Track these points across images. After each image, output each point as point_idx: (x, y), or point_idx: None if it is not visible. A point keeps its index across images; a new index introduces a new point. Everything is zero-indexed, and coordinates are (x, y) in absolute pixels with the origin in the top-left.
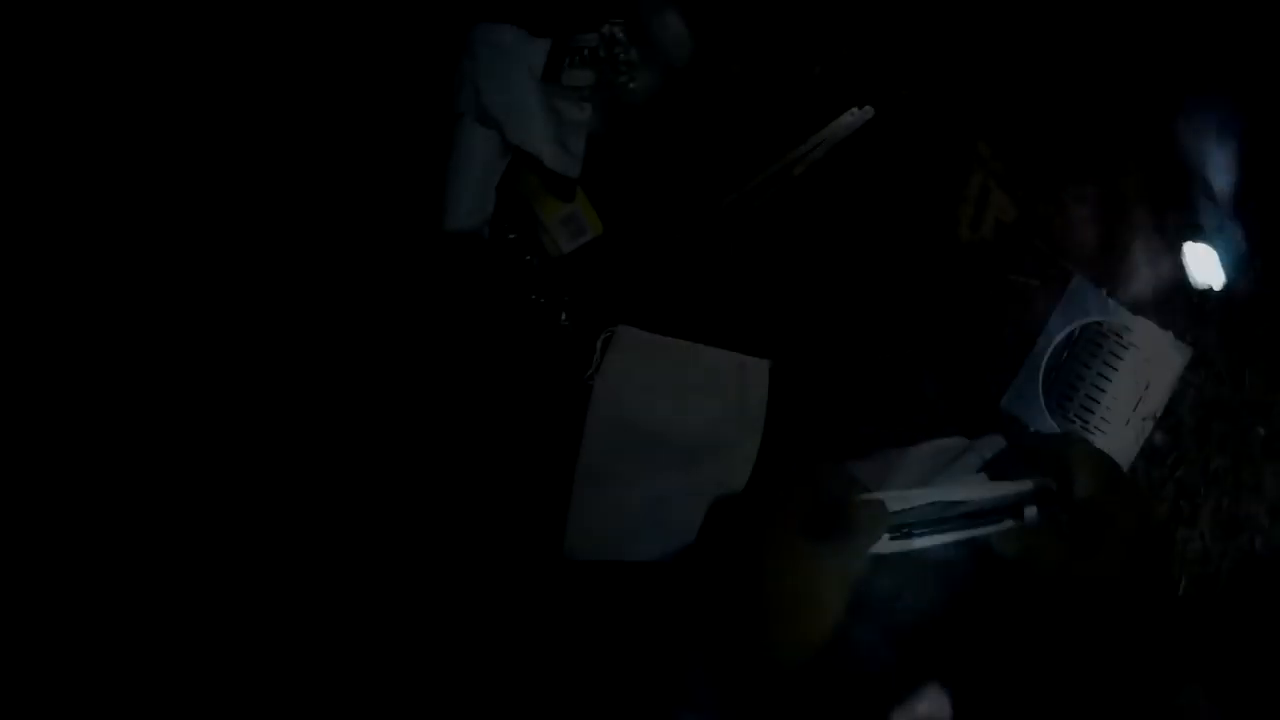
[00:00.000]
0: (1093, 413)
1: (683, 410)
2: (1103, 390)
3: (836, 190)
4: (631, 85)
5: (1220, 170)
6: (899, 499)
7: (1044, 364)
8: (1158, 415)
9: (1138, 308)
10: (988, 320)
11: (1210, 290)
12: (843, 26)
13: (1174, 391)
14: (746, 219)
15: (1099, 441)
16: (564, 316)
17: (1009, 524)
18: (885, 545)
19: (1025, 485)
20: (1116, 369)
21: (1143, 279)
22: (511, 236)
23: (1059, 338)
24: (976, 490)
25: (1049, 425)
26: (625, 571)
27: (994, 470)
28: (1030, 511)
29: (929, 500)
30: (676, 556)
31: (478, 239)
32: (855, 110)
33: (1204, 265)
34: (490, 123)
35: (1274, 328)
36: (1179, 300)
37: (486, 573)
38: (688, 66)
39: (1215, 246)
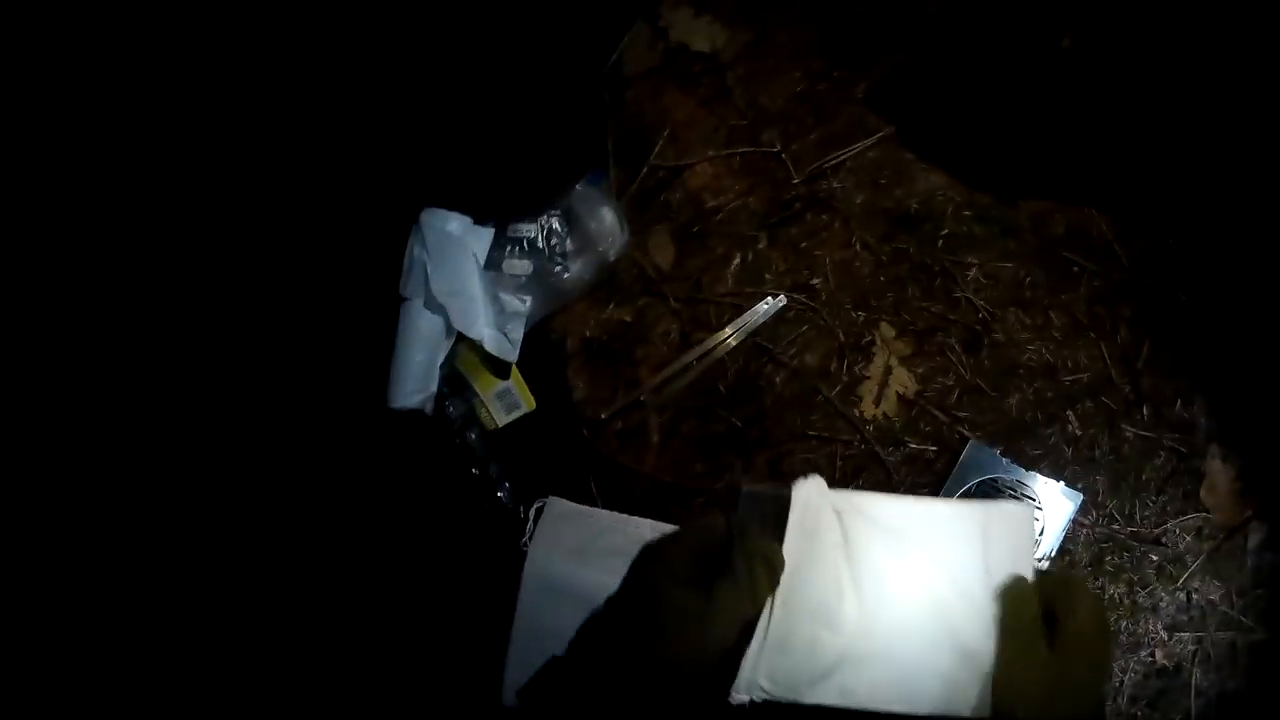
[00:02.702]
0: None
1: (610, 574)
2: None
3: (751, 370)
4: (566, 274)
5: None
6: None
7: None
8: (1051, 556)
9: (1029, 462)
10: (888, 486)
11: (1098, 438)
12: (758, 219)
13: (1066, 533)
14: (668, 400)
15: None
16: (500, 490)
17: None
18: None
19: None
20: None
21: (1034, 436)
22: (451, 411)
23: (955, 496)
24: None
25: None
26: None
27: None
28: None
29: None
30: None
31: (420, 416)
32: (770, 299)
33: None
34: (436, 308)
35: (1161, 466)
36: (1069, 451)
37: None
38: (619, 258)
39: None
